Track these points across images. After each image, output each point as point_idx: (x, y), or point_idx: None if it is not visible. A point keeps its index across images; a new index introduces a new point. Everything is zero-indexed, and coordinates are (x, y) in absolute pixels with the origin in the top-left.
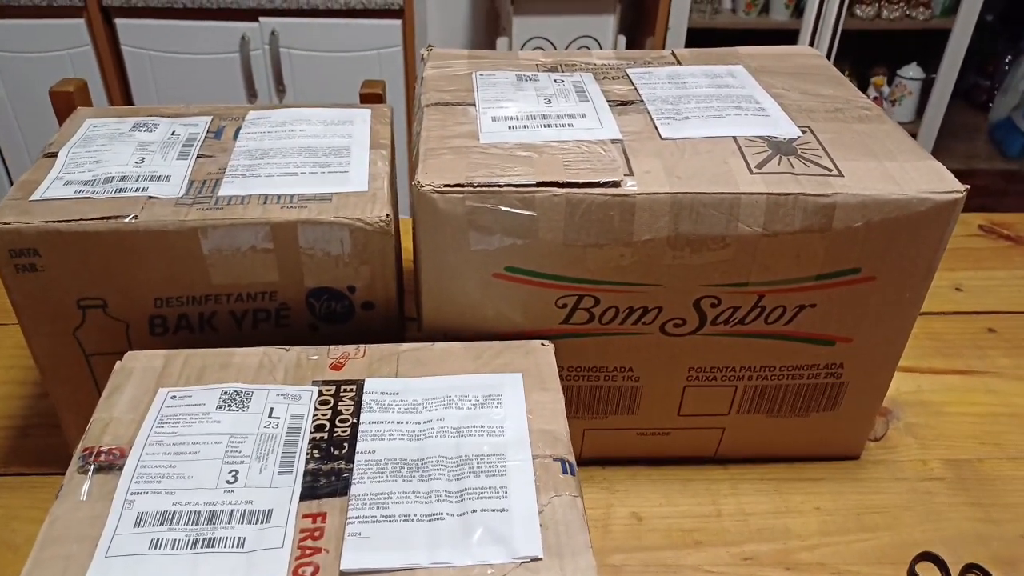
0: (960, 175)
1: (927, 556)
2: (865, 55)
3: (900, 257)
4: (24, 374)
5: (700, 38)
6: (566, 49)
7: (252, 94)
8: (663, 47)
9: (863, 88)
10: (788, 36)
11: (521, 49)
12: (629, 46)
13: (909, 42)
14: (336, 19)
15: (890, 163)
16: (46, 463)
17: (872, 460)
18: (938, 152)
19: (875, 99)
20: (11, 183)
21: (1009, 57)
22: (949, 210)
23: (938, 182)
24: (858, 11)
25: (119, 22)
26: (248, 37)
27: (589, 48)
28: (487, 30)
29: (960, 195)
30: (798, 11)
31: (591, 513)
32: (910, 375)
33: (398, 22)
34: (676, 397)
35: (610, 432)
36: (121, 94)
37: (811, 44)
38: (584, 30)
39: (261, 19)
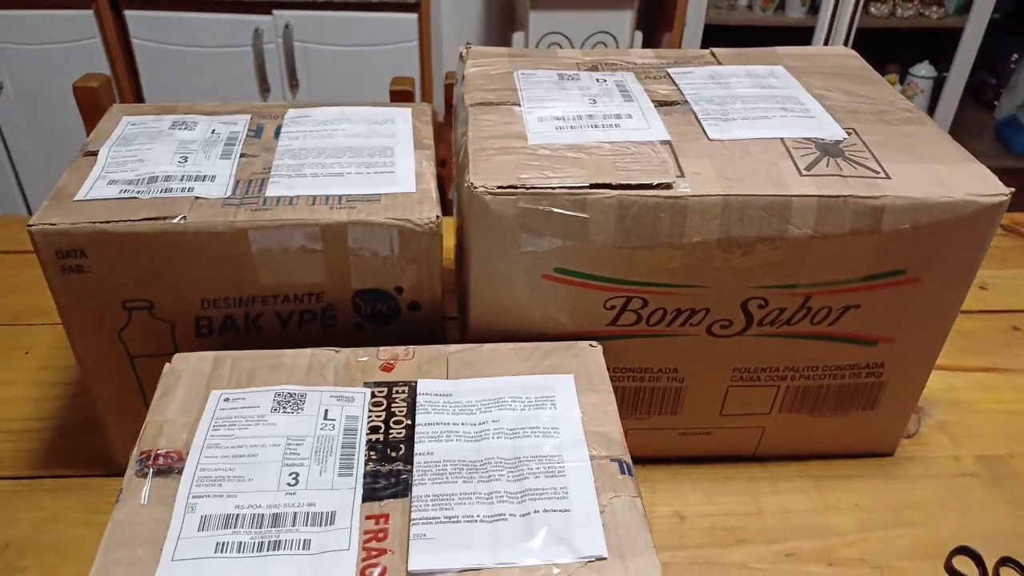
0: None
1: (963, 550)
2: (877, 53)
3: (945, 258)
4: (56, 375)
5: (717, 34)
6: (583, 45)
7: (265, 88)
8: (680, 43)
9: None
10: (803, 34)
11: (537, 45)
12: (646, 42)
13: (920, 40)
14: (351, 12)
15: (937, 165)
16: (85, 464)
17: (906, 457)
18: None
19: None
20: (16, 177)
21: (1016, 56)
22: (994, 212)
23: (983, 185)
24: (873, 9)
25: (129, 14)
26: (261, 30)
27: (606, 44)
28: (502, 24)
29: (1005, 197)
30: (814, 9)
31: None
32: (941, 373)
33: (414, 16)
34: (719, 397)
35: (652, 432)
36: (131, 88)
37: (826, 42)
38: (601, 26)
39: (275, 12)
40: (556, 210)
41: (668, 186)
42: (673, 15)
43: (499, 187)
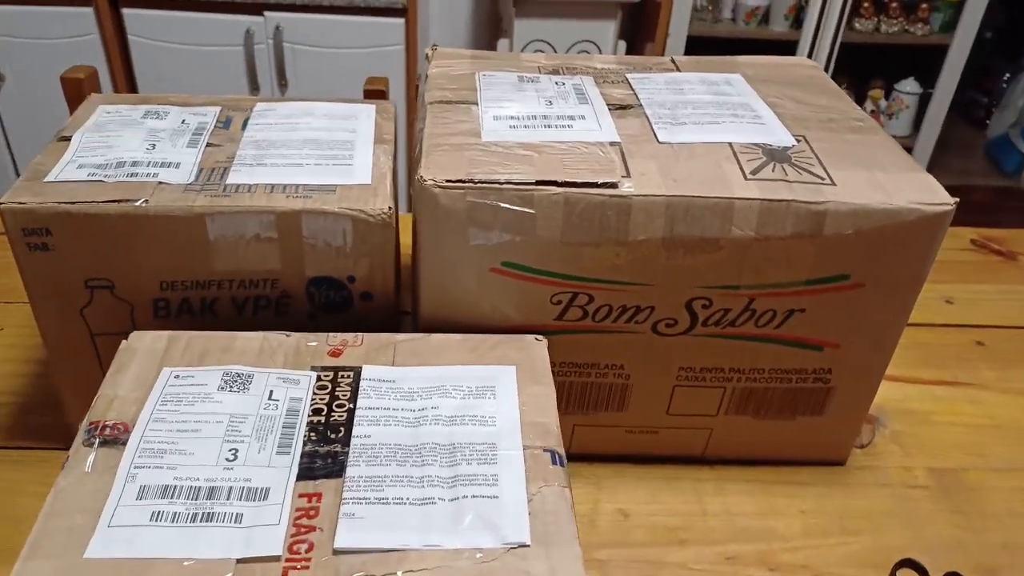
0: (954, 190)
1: (908, 563)
2: (863, 68)
3: (889, 265)
4: (27, 352)
5: (700, 46)
6: (567, 52)
7: (255, 87)
8: (663, 53)
9: (860, 102)
10: (787, 47)
11: (522, 51)
12: (629, 52)
13: (907, 57)
14: (340, 16)
15: (881, 174)
16: (49, 438)
17: (858, 466)
18: (933, 166)
19: (872, 112)
20: (15, 167)
21: (1008, 75)
22: (938, 221)
23: (928, 194)
24: (857, 25)
25: (127, 12)
26: (253, 31)
27: (589, 52)
28: (489, 31)
29: (950, 207)
30: (797, 22)
31: (578, 508)
32: (897, 384)
33: (401, 21)
34: (665, 396)
35: (599, 428)
36: (126, 82)
37: (809, 56)
38: (585, 35)
39: (267, 13)
40: (504, 205)
41: (613, 185)
42: (656, 26)
43: (448, 181)
